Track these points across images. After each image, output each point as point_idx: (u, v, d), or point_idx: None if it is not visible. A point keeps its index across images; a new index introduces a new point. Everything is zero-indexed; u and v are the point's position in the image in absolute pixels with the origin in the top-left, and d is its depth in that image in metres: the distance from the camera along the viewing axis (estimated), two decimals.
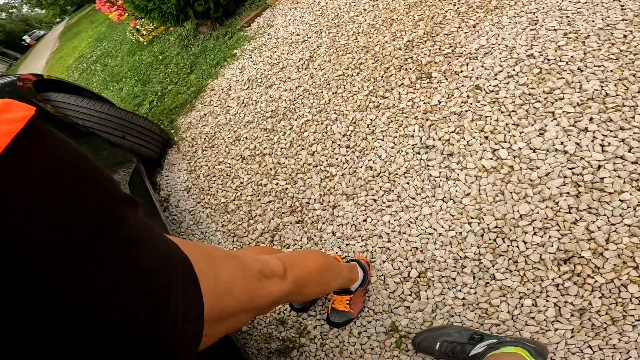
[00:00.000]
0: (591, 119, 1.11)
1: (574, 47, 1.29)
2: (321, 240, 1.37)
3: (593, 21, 1.34)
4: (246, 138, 1.92)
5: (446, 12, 1.77)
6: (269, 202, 1.59)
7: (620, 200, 0.99)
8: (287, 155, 1.70)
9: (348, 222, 1.35)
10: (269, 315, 1.34)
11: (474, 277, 1.08)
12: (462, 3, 1.76)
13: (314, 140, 1.66)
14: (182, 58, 3.23)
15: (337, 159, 1.53)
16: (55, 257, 0.31)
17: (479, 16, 1.64)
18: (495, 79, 1.36)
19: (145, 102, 3.00)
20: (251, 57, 2.52)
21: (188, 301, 0.42)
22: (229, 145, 1.96)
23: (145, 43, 4.34)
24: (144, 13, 3.25)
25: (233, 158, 1.88)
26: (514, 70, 1.34)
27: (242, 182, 1.74)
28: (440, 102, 1.43)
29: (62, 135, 0.37)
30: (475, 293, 1.07)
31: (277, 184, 1.62)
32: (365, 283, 1.17)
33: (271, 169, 1.69)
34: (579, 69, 1.22)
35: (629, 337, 0.91)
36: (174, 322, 0.39)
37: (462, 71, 1.47)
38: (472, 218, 1.15)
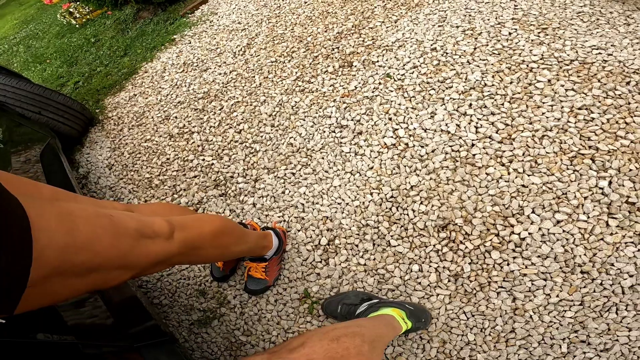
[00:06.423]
0: (470, 104, 1.29)
1: (468, 42, 1.48)
2: (242, 212, 1.42)
3: (488, 19, 1.55)
4: (176, 117, 1.91)
5: (375, 7, 1.92)
6: (195, 176, 1.61)
7: (486, 173, 1.16)
8: (215, 133, 1.72)
9: (268, 194, 1.42)
10: (189, 287, 1.36)
11: (374, 244, 1.19)
12: (390, 0, 1.92)
13: (242, 119, 1.71)
14: (117, 41, 3.08)
15: (262, 136, 1.60)
16: None
17: (401, 12, 1.81)
18: (403, 68, 1.52)
19: (69, 82, 2.82)
20: (190, 43, 2.49)
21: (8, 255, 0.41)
22: (158, 124, 1.94)
23: (77, 26, 4.04)
24: None
25: (161, 136, 1.86)
26: (418, 61, 1.51)
27: (168, 159, 1.73)
28: (356, 88, 1.56)
29: None
30: (374, 259, 1.17)
31: (203, 159, 1.65)
32: (281, 251, 1.23)
33: (198, 146, 1.71)
34: (467, 61, 1.41)
35: (494, 303, 1.00)
36: None
37: (377, 61, 1.61)
38: (373, 189, 1.27)
